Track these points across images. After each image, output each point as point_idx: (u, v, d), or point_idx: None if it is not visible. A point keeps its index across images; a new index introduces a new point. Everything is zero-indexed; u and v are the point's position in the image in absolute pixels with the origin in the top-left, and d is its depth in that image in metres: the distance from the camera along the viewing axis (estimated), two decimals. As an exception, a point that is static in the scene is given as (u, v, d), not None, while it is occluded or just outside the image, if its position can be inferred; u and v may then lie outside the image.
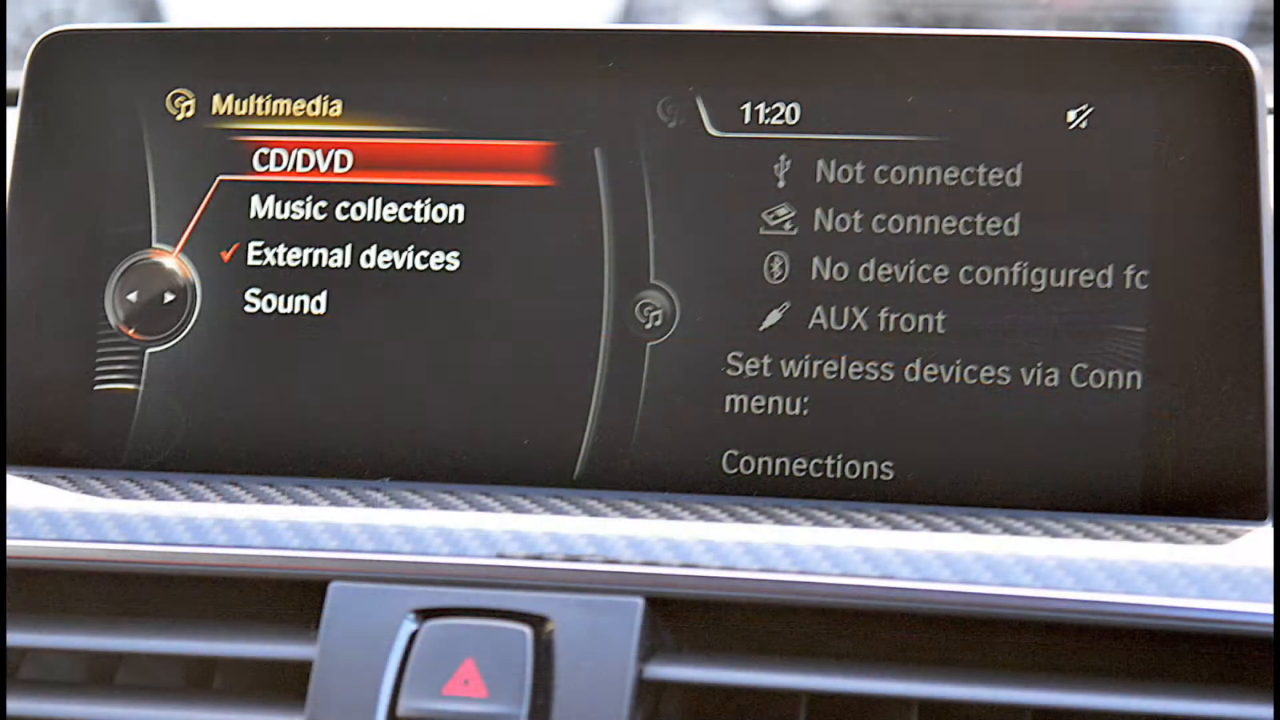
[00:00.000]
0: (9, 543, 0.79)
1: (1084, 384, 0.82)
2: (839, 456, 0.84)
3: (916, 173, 0.84)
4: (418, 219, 0.87)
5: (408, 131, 0.88)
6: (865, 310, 0.84)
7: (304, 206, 0.88)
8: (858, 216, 0.85)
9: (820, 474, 0.84)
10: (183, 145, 0.89)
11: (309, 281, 0.88)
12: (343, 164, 0.88)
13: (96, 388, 0.88)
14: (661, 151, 0.86)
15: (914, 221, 0.84)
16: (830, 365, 0.84)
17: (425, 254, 0.87)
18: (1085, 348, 0.83)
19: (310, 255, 0.88)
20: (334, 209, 0.88)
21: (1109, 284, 0.83)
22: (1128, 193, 0.83)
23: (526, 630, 0.74)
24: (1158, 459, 0.81)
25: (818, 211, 0.85)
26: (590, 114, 0.86)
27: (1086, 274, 0.83)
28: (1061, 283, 0.83)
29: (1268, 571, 0.74)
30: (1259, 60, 0.82)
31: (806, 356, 0.84)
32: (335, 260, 0.88)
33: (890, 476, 0.83)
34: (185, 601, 0.79)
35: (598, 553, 0.76)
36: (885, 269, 0.84)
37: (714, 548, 0.76)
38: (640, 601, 0.75)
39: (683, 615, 0.76)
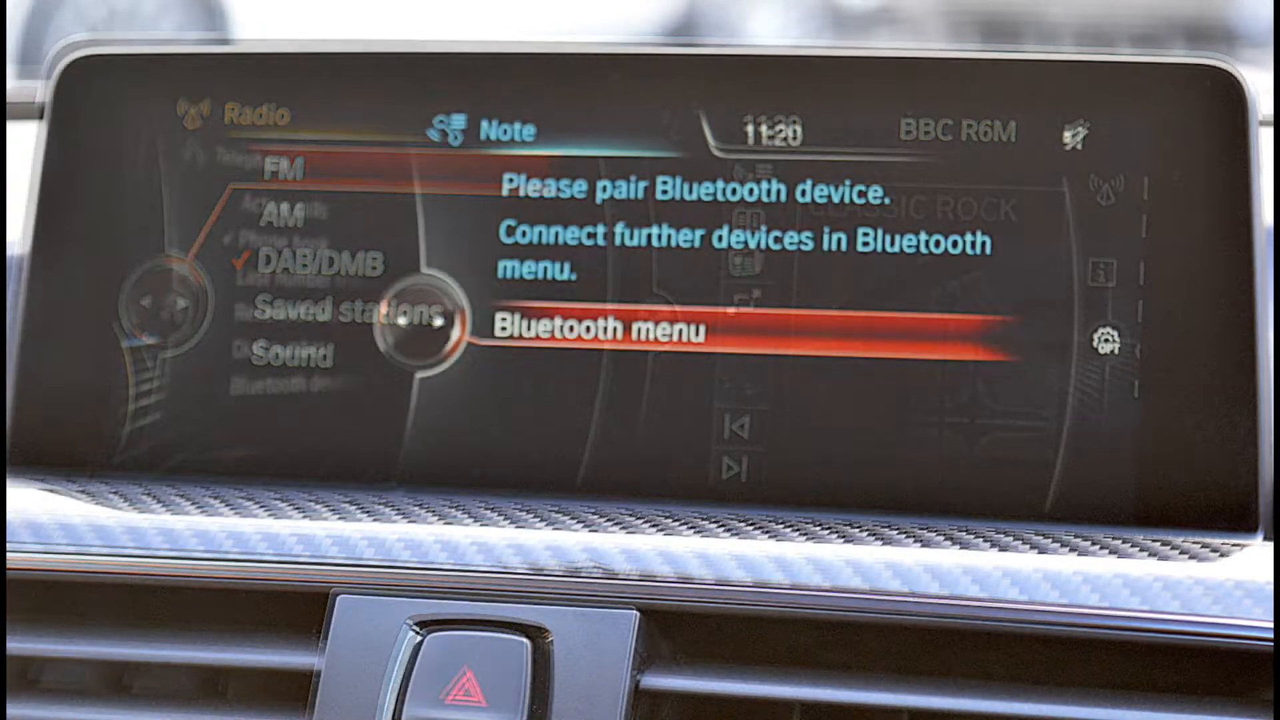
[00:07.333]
0: (27, 554, 0.81)
1: (1079, 396, 0.83)
2: (836, 468, 0.85)
3: (917, 190, 0.85)
4: (425, 229, 0.89)
5: (413, 142, 0.89)
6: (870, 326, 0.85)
7: (314, 214, 0.89)
8: (859, 234, 0.85)
9: (817, 485, 0.85)
10: (195, 153, 0.90)
11: (318, 288, 0.89)
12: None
13: (110, 392, 0.89)
14: (665, 167, 0.87)
15: (916, 239, 0.85)
16: (830, 379, 0.85)
17: (432, 263, 0.88)
18: (1081, 361, 0.83)
19: (320, 261, 0.89)
20: (343, 217, 0.89)
21: (1105, 300, 0.83)
22: (1123, 211, 0.84)
23: (525, 641, 0.76)
24: (1152, 471, 0.82)
25: (821, 228, 0.86)
26: (595, 129, 0.87)
27: (1083, 290, 0.84)
28: (1059, 299, 0.84)
29: (1263, 585, 0.75)
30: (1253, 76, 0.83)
31: (808, 370, 0.85)
32: (345, 267, 0.89)
33: (885, 488, 0.84)
34: (196, 610, 0.81)
35: (596, 565, 0.78)
36: (889, 285, 0.85)
37: (709, 560, 0.77)
38: (635, 614, 0.76)
39: (678, 626, 0.77)
